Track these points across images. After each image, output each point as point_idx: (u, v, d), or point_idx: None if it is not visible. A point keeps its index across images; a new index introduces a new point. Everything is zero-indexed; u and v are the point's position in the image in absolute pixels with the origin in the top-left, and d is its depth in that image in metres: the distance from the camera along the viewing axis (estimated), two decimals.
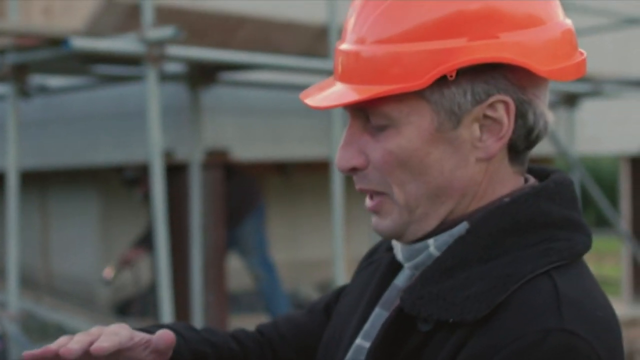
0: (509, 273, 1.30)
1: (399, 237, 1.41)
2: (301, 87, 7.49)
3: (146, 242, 7.36)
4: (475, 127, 1.34)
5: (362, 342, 1.45)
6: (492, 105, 1.34)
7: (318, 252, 9.63)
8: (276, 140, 8.01)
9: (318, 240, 9.55)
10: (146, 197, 7.31)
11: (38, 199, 9.42)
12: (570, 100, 9.28)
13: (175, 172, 7.52)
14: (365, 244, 7.61)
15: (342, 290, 1.70)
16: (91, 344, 1.39)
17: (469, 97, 1.33)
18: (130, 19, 5.88)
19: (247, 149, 7.87)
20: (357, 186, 1.40)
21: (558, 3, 1.41)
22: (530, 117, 1.37)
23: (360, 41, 1.34)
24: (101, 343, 1.38)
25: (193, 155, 7.31)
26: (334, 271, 6.97)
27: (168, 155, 7.30)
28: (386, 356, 1.37)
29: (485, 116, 1.34)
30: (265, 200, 8.09)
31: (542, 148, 9.22)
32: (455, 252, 1.35)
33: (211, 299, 7.68)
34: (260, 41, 6.53)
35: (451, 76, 1.30)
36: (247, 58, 6.40)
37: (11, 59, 6.20)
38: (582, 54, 1.43)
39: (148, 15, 5.76)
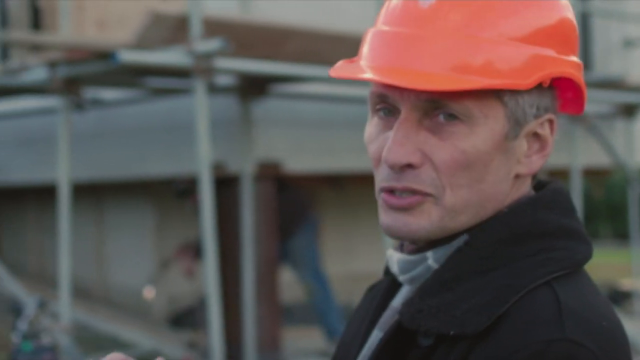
0: (508, 284, 1.27)
1: (427, 240, 1.35)
2: (352, 99, 7.52)
3: (197, 249, 7.37)
4: (524, 142, 1.33)
5: None
6: (542, 123, 1.33)
7: (373, 264, 9.57)
8: (328, 152, 8.00)
9: (372, 252, 9.51)
10: (198, 209, 7.34)
11: (93, 211, 9.51)
12: (628, 111, 9.17)
13: (227, 184, 7.54)
14: None
15: None
16: None
17: (533, 110, 1.32)
18: (178, 32, 5.91)
19: (299, 161, 7.87)
20: (400, 184, 1.30)
21: None
22: (551, 141, 1.37)
23: (462, 28, 1.28)
24: None
25: (244, 167, 7.33)
26: None
27: (219, 167, 7.31)
28: None
29: (534, 133, 1.33)
30: (318, 213, 8.07)
31: (600, 159, 9.12)
32: (453, 264, 1.32)
33: (263, 312, 7.68)
34: (309, 53, 6.52)
35: (547, 84, 1.30)
36: (293, 70, 6.40)
37: (62, 72, 6.25)
38: None
39: (196, 27, 5.78)
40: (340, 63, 1.37)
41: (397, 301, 1.44)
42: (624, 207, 10.21)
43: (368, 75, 1.29)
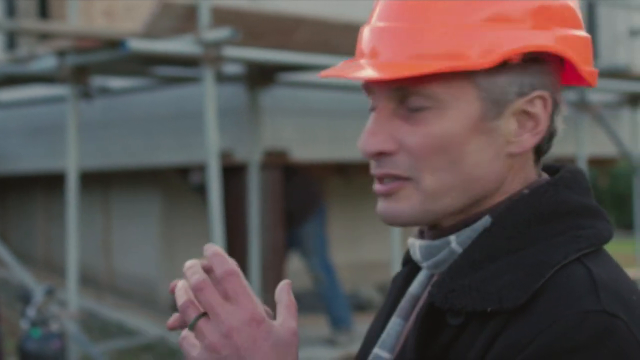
0: (541, 261, 1.29)
1: (413, 224, 1.38)
2: (359, 88, 7.53)
3: None
4: (513, 121, 1.33)
5: (378, 351, 1.45)
6: (531, 101, 1.33)
7: (378, 253, 9.62)
8: (336, 140, 8.02)
9: (378, 241, 9.54)
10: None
11: (101, 199, 9.53)
12: (633, 100, 9.17)
13: (234, 172, 7.56)
14: None
15: None
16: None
17: (515, 88, 1.32)
18: (187, 21, 5.93)
19: (306, 150, 7.89)
20: (380, 171, 1.34)
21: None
22: (556, 119, 1.37)
23: (420, 19, 1.31)
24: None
25: (252, 155, 7.35)
26: (393, 272, 6.96)
27: (227, 155, 7.33)
28: (422, 351, 1.36)
29: (524, 111, 1.33)
30: (326, 202, 8.09)
31: (605, 149, 9.12)
32: (481, 245, 1.33)
33: (270, 299, 7.71)
34: (318, 42, 6.54)
35: (516, 60, 1.30)
36: (302, 59, 6.41)
37: (71, 60, 6.27)
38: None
39: (204, 17, 5.80)
40: (342, 63, 1.40)
41: (414, 287, 1.46)
42: (629, 196, 10.21)
43: (330, 71, 1.36)
